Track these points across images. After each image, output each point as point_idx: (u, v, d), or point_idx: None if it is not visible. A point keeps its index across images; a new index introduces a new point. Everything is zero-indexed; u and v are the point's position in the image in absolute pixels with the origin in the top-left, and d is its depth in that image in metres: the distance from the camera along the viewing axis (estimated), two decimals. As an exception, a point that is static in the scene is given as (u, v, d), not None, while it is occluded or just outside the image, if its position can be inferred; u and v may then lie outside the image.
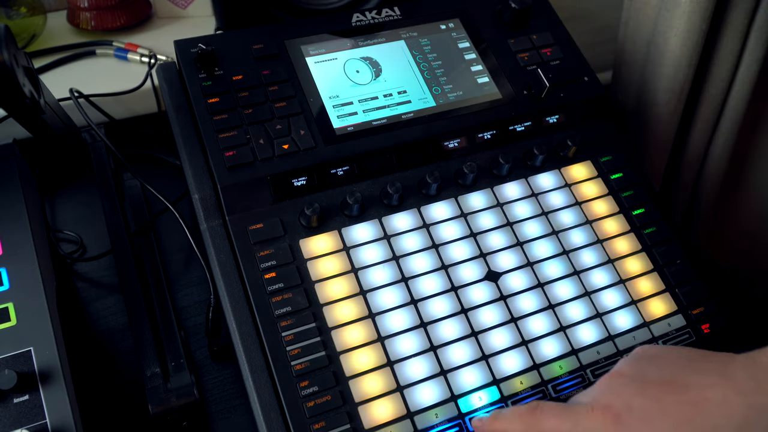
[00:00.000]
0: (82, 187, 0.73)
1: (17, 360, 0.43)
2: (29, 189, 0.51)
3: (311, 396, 0.45)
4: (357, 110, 0.55)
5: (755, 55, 0.71)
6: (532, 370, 0.48)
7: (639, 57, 0.73)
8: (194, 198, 0.51)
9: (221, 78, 0.54)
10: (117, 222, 0.60)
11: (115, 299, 0.62)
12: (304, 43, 0.58)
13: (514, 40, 0.62)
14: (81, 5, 0.78)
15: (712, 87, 0.74)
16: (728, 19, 0.68)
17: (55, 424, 0.41)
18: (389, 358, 0.47)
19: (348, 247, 0.51)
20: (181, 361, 0.52)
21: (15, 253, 0.47)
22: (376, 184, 0.54)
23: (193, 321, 0.60)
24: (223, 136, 0.52)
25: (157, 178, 0.70)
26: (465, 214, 0.54)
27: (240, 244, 0.49)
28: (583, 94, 0.61)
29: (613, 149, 0.60)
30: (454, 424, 0.46)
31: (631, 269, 0.54)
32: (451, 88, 0.58)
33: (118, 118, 0.72)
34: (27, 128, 0.54)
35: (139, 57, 0.75)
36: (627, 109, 0.78)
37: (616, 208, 0.57)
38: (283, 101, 0.54)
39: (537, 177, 0.57)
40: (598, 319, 0.51)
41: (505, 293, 0.51)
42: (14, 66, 0.45)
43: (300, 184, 0.52)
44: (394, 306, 0.49)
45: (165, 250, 0.65)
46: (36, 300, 0.45)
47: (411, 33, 0.60)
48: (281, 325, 0.47)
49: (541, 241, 0.54)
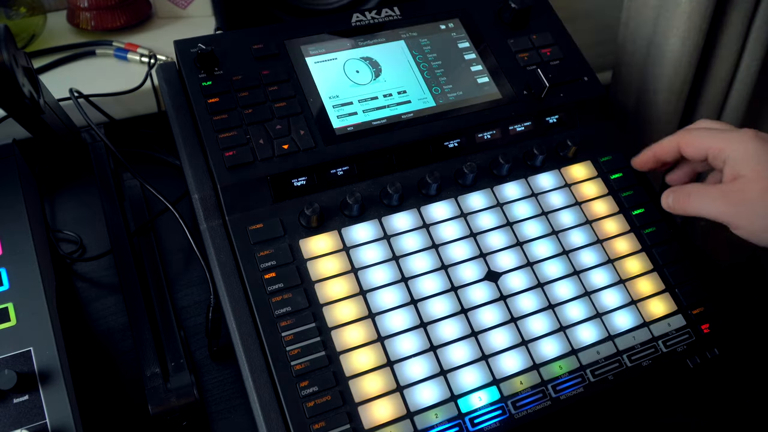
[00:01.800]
0: (81, 187, 0.73)
1: (17, 360, 0.43)
2: (29, 189, 0.51)
3: (311, 396, 0.45)
4: (357, 110, 0.55)
5: (755, 55, 0.71)
6: (532, 370, 0.48)
7: (639, 57, 0.73)
8: (194, 198, 0.51)
9: (221, 78, 0.54)
10: (117, 222, 0.60)
11: (115, 299, 0.62)
12: (304, 43, 0.58)
13: (514, 40, 0.62)
14: (81, 5, 0.78)
15: (712, 87, 0.74)
16: (728, 19, 0.68)
17: (55, 424, 0.41)
18: (389, 358, 0.47)
19: (348, 247, 0.51)
20: (180, 361, 0.52)
21: (15, 253, 0.47)
22: (376, 184, 0.54)
23: (193, 321, 0.60)
24: (223, 136, 0.52)
25: (157, 178, 0.70)
26: (465, 214, 0.54)
27: (240, 244, 0.49)
28: (583, 94, 0.61)
29: (613, 149, 0.60)
30: (454, 424, 0.46)
31: (631, 269, 0.54)
32: (451, 88, 0.58)
33: (118, 118, 0.72)
34: (27, 128, 0.54)
35: (139, 57, 0.75)
36: (627, 109, 0.78)
37: (616, 208, 0.57)
38: (283, 101, 0.54)
39: (537, 177, 0.57)
40: (598, 319, 0.51)
41: (505, 293, 0.51)
42: (14, 66, 0.45)
43: (300, 184, 0.52)
44: (394, 306, 0.49)
45: (165, 250, 0.65)
46: (36, 300, 0.45)
47: (411, 33, 0.60)
48: (281, 325, 0.47)
49: (541, 241, 0.54)
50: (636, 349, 0.50)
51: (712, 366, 0.52)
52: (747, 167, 0.47)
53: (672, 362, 0.51)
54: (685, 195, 0.51)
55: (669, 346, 0.51)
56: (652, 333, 0.51)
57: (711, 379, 0.53)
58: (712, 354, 0.52)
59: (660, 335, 0.51)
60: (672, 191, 0.52)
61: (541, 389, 0.48)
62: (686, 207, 0.51)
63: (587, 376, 0.49)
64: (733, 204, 0.47)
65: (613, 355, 0.50)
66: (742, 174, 0.47)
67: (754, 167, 0.47)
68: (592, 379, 0.49)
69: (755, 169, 0.47)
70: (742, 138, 0.49)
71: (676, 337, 0.52)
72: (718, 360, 0.52)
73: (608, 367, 0.49)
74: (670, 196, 0.52)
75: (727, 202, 0.48)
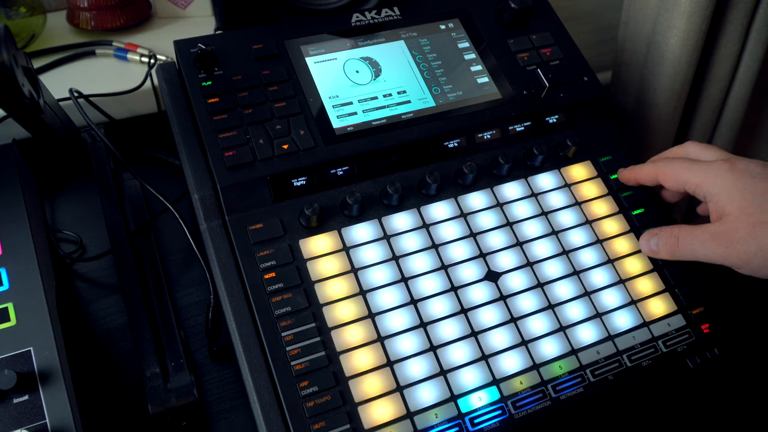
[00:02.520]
0: (81, 187, 0.73)
1: (17, 360, 0.43)
2: (29, 189, 0.51)
3: (311, 396, 0.45)
4: (357, 110, 0.55)
5: (755, 55, 0.71)
6: (532, 370, 0.48)
7: (639, 57, 0.73)
8: (194, 198, 0.51)
9: (221, 78, 0.54)
10: (117, 222, 0.60)
11: (115, 299, 0.62)
12: (304, 43, 0.58)
13: (514, 40, 0.62)
14: (81, 5, 0.78)
15: (712, 87, 0.74)
16: (728, 19, 0.68)
17: (55, 424, 0.41)
18: (389, 358, 0.47)
19: (348, 247, 0.51)
20: (180, 361, 0.52)
21: (15, 253, 0.47)
22: (376, 184, 0.54)
23: (193, 321, 0.60)
24: (222, 136, 0.52)
25: (157, 178, 0.70)
26: (465, 214, 0.54)
27: (240, 244, 0.49)
28: (583, 94, 0.61)
29: (613, 149, 0.60)
30: (454, 424, 0.46)
31: (630, 269, 0.54)
32: (451, 88, 0.58)
33: (118, 118, 0.72)
34: (27, 128, 0.54)
35: (139, 57, 0.75)
36: (627, 109, 0.78)
37: (616, 208, 0.57)
38: (282, 101, 0.54)
39: (537, 177, 0.57)
40: (598, 319, 0.51)
41: (505, 293, 0.51)
42: (14, 66, 0.45)
43: (300, 184, 0.52)
44: (394, 306, 0.49)
45: (165, 250, 0.65)
46: (36, 300, 0.45)
47: (411, 33, 0.60)
48: (281, 325, 0.47)
49: (541, 241, 0.54)
50: (636, 349, 0.50)
51: (712, 366, 0.52)
52: (730, 204, 0.46)
53: (672, 362, 0.51)
54: (672, 239, 0.49)
55: (669, 346, 0.51)
56: (652, 333, 0.51)
57: (711, 379, 0.53)
58: (712, 354, 0.52)
59: (660, 335, 0.51)
60: (653, 234, 0.50)
61: (541, 389, 0.48)
62: (675, 252, 0.49)
63: (587, 376, 0.49)
64: (724, 245, 0.45)
65: (613, 355, 0.50)
66: (727, 212, 0.46)
67: (737, 204, 0.45)
68: (592, 379, 0.49)
69: (739, 205, 0.45)
70: (717, 173, 0.47)
71: (676, 337, 0.52)
72: (718, 360, 0.52)
73: (608, 367, 0.49)
74: (653, 240, 0.50)
75: (718, 243, 0.46)
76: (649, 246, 0.51)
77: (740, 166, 0.47)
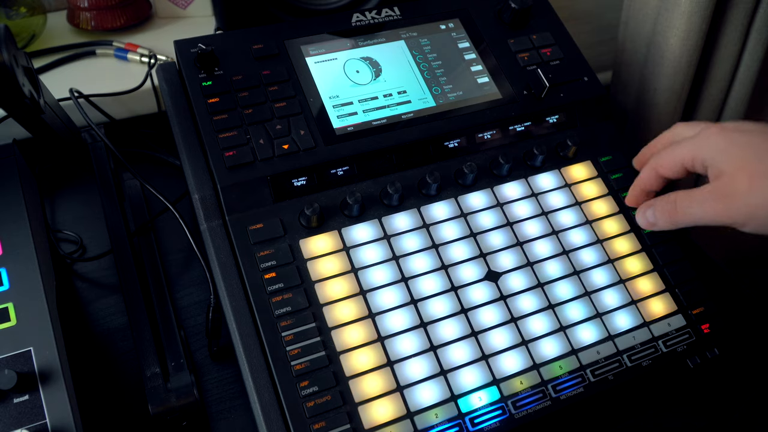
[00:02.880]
0: (82, 187, 0.73)
1: (17, 360, 0.43)
2: (29, 189, 0.51)
3: (311, 396, 0.45)
4: (357, 110, 0.55)
5: (755, 55, 0.71)
6: (532, 370, 0.48)
7: (639, 57, 0.73)
8: (194, 198, 0.51)
9: (221, 78, 0.54)
10: (117, 222, 0.60)
11: (115, 299, 0.62)
12: (304, 43, 0.58)
13: (514, 40, 0.62)
14: (81, 5, 0.78)
15: (712, 87, 0.74)
16: (728, 19, 0.68)
17: (55, 424, 0.41)
18: (389, 358, 0.47)
19: (348, 247, 0.51)
20: (181, 361, 0.52)
21: (15, 253, 0.47)
22: (376, 184, 0.54)
23: (193, 321, 0.60)
24: (223, 136, 0.52)
25: (157, 178, 0.70)
26: (465, 214, 0.54)
27: (240, 244, 0.49)
28: (583, 94, 0.61)
29: (613, 149, 0.60)
30: (454, 424, 0.46)
31: (631, 269, 0.54)
32: (451, 88, 0.58)
33: (118, 118, 0.72)
34: (27, 128, 0.54)
35: (139, 57, 0.75)
36: (627, 109, 0.78)
37: (616, 208, 0.57)
38: (283, 101, 0.54)
39: (537, 177, 0.57)
40: (598, 319, 0.51)
41: (505, 293, 0.51)
42: (14, 66, 0.45)
43: (300, 184, 0.52)
44: (394, 306, 0.49)
45: (165, 250, 0.65)
46: (36, 300, 0.45)
47: (411, 33, 0.60)
48: (281, 325, 0.47)
49: (541, 241, 0.54)
50: (636, 349, 0.50)
51: (712, 366, 0.52)
52: (726, 162, 0.45)
53: (672, 362, 0.51)
54: (670, 205, 0.47)
55: (669, 346, 0.51)
56: (652, 333, 0.51)
57: (711, 379, 0.53)
58: (712, 354, 0.52)
59: (660, 335, 0.51)
60: (648, 205, 0.49)
61: (541, 389, 0.48)
62: (674, 218, 0.47)
63: (587, 376, 0.49)
64: (723, 200, 0.44)
65: (613, 355, 0.50)
66: (724, 169, 0.45)
67: (732, 161, 0.44)
68: (592, 379, 0.49)
69: (734, 162, 0.44)
70: (708, 137, 0.46)
71: (676, 337, 0.52)
72: (718, 360, 0.52)
73: (608, 367, 0.49)
74: (649, 211, 0.49)
75: (717, 200, 0.44)
76: (646, 218, 0.50)
77: (729, 126, 0.46)
